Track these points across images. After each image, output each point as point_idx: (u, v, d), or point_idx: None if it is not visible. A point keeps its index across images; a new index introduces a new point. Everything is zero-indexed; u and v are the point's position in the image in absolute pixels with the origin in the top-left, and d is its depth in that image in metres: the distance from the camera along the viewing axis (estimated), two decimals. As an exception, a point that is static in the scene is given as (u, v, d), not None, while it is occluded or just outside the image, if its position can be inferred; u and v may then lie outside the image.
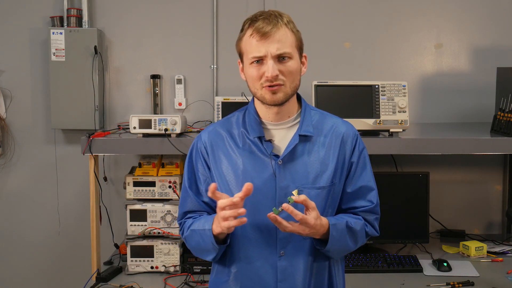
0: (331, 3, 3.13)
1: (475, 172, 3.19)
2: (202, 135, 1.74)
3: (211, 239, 1.61)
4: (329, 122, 1.72)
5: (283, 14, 1.63)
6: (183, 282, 2.50)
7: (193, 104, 3.15)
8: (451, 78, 3.17)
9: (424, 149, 2.52)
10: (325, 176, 1.65)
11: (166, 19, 3.13)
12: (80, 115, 3.04)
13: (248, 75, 1.63)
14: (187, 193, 1.75)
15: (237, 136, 1.70)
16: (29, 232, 3.22)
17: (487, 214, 3.22)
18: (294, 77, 1.62)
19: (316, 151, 1.66)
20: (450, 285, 2.38)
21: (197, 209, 1.74)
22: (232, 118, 1.75)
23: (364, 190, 1.72)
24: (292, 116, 1.69)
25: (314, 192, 1.63)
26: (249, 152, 1.66)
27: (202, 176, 1.73)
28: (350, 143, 1.70)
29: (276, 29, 1.57)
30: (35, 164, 3.19)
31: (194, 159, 1.75)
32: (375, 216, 1.74)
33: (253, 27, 1.59)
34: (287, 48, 1.58)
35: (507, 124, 2.56)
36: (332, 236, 1.60)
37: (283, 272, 1.64)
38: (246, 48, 1.62)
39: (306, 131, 1.66)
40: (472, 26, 3.16)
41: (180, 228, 1.78)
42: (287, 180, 1.63)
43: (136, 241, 2.61)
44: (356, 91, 2.55)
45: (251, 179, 1.61)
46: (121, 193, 3.10)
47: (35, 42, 3.11)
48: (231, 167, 1.66)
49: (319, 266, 1.68)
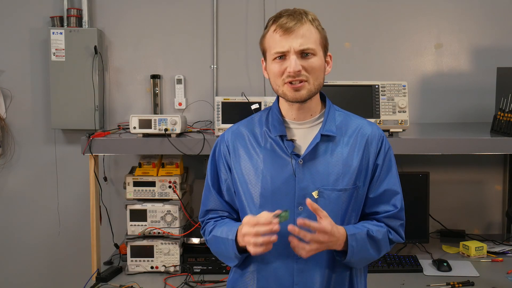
0: (331, 3, 3.13)
1: (475, 172, 3.19)
2: (225, 135, 1.74)
3: (234, 250, 1.60)
4: (354, 123, 1.68)
5: (309, 12, 1.60)
6: (183, 282, 2.50)
7: (193, 104, 3.15)
8: (451, 78, 3.17)
9: (424, 149, 2.52)
10: (347, 177, 1.60)
11: (166, 19, 3.13)
12: (80, 115, 3.04)
13: (271, 71, 1.60)
14: (210, 192, 1.74)
15: (259, 134, 1.68)
16: (29, 232, 3.22)
17: (487, 214, 3.22)
18: (318, 74, 1.58)
19: (339, 152, 1.62)
20: (450, 285, 2.38)
21: (218, 208, 1.73)
22: (255, 117, 1.73)
23: (388, 194, 1.66)
24: (315, 115, 1.66)
25: (335, 194, 1.59)
26: (270, 151, 1.64)
27: (224, 176, 1.72)
28: (376, 145, 1.66)
29: (300, 25, 1.54)
30: (35, 164, 3.19)
31: (216, 158, 1.74)
32: (399, 222, 1.68)
33: (276, 23, 1.57)
34: (310, 44, 1.55)
35: (507, 124, 2.56)
36: (352, 246, 1.55)
37: (299, 275, 1.61)
38: (269, 44, 1.59)
39: (328, 130, 1.63)
40: (472, 26, 3.16)
41: (202, 227, 1.77)
42: (307, 180, 1.60)
43: (136, 241, 2.60)
44: (356, 91, 2.54)
45: (270, 178, 1.61)
46: (121, 193, 3.10)
47: (35, 42, 3.11)
48: (252, 166, 1.65)
49: (338, 271, 1.63)
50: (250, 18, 3.12)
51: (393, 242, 1.69)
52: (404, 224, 1.70)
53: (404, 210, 1.69)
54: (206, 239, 1.75)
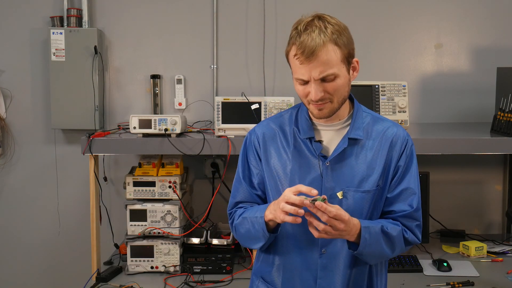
0: (331, 3, 3.13)
1: (475, 172, 3.19)
2: (256, 129, 1.75)
3: (263, 226, 1.61)
4: (380, 125, 1.69)
5: (328, 25, 1.57)
6: (183, 282, 2.50)
7: (193, 104, 3.15)
8: (451, 78, 3.17)
9: (424, 149, 2.51)
10: (371, 180, 1.63)
11: (166, 19, 3.13)
12: (80, 115, 3.04)
13: (297, 90, 1.62)
14: (241, 184, 1.75)
15: (288, 133, 1.70)
16: (29, 232, 3.22)
17: (487, 214, 3.22)
18: (341, 92, 1.59)
19: (364, 155, 1.65)
20: (450, 285, 2.38)
21: (249, 200, 1.75)
22: (285, 115, 1.75)
23: (406, 193, 1.67)
24: (343, 118, 1.68)
25: (359, 196, 1.63)
26: (298, 151, 1.67)
27: (255, 169, 1.74)
28: (399, 147, 1.67)
29: (319, 49, 1.51)
30: (35, 164, 3.19)
31: (247, 152, 1.75)
32: (416, 223, 1.68)
33: (296, 44, 1.54)
34: (330, 69, 1.53)
35: (507, 124, 2.56)
36: (364, 238, 1.57)
37: (323, 270, 1.65)
38: (292, 66, 1.59)
39: (356, 134, 1.65)
40: (472, 26, 3.16)
41: (230, 217, 1.78)
42: (333, 181, 1.63)
43: (136, 241, 2.60)
44: (356, 91, 2.53)
45: (298, 178, 1.64)
46: (121, 193, 3.10)
47: (35, 42, 3.11)
48: (281, 164, 1.68)
49: (359, 266, 1.67)
50: (250, 18, 3.12)
51: (409, 242, 1.69)
52: (421, 225, 1.71)
53: (421, 211, 1.70)
54: (234, 224, 1.74)
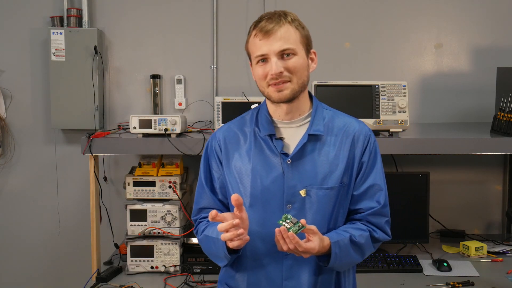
0: (331, 3, 3.13)
1: (475, 172, 3.19)
2: (217, 133, 1.76)
3: (224, 249, 1.61)
4: (341, 121, 1.70)
5: (289, 13, 1.63)
6: (183, 282, 2.50)
7: (193, 104, 3.15)
8: (451, 78, 3.17)
9: (424, 149, 2.52)
10: (334, 176, 1.63)
11: (166, 19, 3.13)
12: (80, 115, 3.04)
13: (256, 74, 1.64)
14: (203, 190, 1.76)
15: (249, 134, 1.71)
16: (29, 232, 3.22)
17: (487, 214, 3.22)
18: (301, 73, 1.61)
19: (326, 151, 1.65)
20: (450, 285, 2.38)
21: (212, 206, 1.74)
22: (246, 116, 1.76)
23: (372, 190, 1.68)
24: (303, 114, 1.68)
25: (322, 193, 1.62)
26: (259, 150, 1.67)
27: (216, 173, 1.74)
28: (362, 143, 1.67)
29: (278, 27, 1.58)
30: (35, 164, 3.19)
31: (209, 156, 1.76)
32: (385, 219, 1.69)
33: (257, 27, 1.61)
34: (290, 44, 1.58)
35: (507, 124, 2.56)
36: (335, 253, 1.58)
37: (289, 270, 1.64)
38: (252, 48, 1.63)
39: (316, 130, 1.65)
40: (472, 26, 3.16)
41: (195, 227, 1.79)
42: (295, 179, 1.62)
43: (136, 241, 2.60)
44: (356, 91, 2.54)
45: (260, 178, 1.63)
46: (121, 193, 3.10)
47: (35, 42, 3.11)
48: (242, 165, 1.67)
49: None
50: (250, 19, 3.12)
51: (379, 240, 1.70)
52: (390, 221, 1.72)
53: (388, 207, 1.71)
54: (198, 238, 1.76)
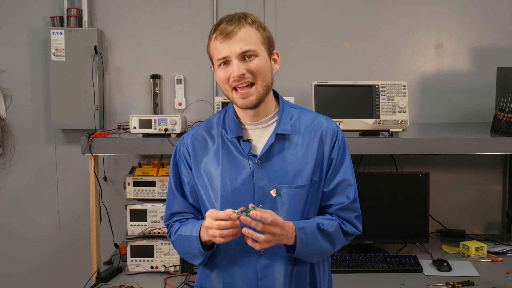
0: (331, 3, 3.13)
1: (475, 172, 3.19)
2: (184, 138, 1.76)
3: (198, 246, 1.62)
4: (308, 119, 1.70)
5: (249, 14, 1.63)
6: (183, 282, 2.50)
7: (193, 104, 3.15)
8: (451, 78, 3.17)
9: (424, 149, 2.52)
10: (304, 174, 1.63)
11: (166, 19, 3.13)
12: (80, 115, 3.04)
13: (218, 78, 1.63)
14: (174, 195, 1.75)
15: (216, 136, 1.70)
16: (29, 232, 3.22)
17: (487, 214, 3.22)
18: (264, 75, 1.60)
19: (294, 150, 1.65)
20: (450, 285, 2.38)
21: (183, 210, 1.74)
22: (213, 119, 1.75)
23: (342, 185, 1.68)
24: (269, 115, 1.68)
25: (293, 192, 1.62)
26: (227, 153, 1.66)
27: (186, 178, 1.73)
28: (330, 139, 1.67)
29: (238, 29, 1.58)
30: (35, 164, 3.19)
31: (177, 162, 1.75)
32: (355, 214, 1.69)
33: (216, 30, 1.61)
34: (251, 45, 1.57)
35: (507, 124, 2.56)
36: (300, 239, 1.57)
37: (263, 270, 1.64)
38: (213, 51, 1.63)
39: (283, 129, 1.65)
40: (472, 26, 3.16)
41: (168, 231, 1.78)
42: (265, 180, 1.62)
43: (136, 241, 2.61)
44: (356, 91, 2.54)
45: (230, 180, 1.64)
46: (121, 193, 3.10)
47: (35, 42, 3.11)
48: (211, 168, 1.67)
49: (300, 263, 1.66)
50: (250, 18, 3.12)
51: (349, 234, 1.70)
52: (360, 216, 1.71)
53: (358, 202, 1.70)
54: (171, 240, 1.75)
